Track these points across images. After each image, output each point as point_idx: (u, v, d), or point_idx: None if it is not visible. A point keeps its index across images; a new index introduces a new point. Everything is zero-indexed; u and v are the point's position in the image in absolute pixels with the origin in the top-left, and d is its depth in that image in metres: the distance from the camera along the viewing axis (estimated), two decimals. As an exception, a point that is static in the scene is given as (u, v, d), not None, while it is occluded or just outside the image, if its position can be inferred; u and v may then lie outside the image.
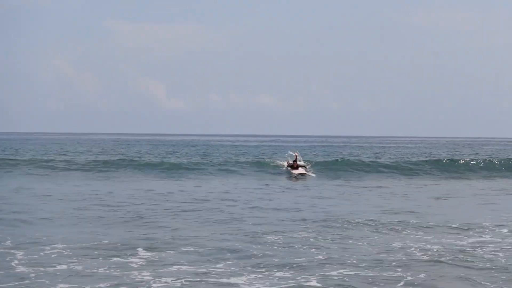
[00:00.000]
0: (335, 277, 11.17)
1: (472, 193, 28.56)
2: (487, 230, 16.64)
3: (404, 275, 11.35)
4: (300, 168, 39.30)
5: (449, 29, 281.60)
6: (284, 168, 40.57)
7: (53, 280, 10.87)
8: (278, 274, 11.43)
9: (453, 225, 17.31)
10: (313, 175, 38.42)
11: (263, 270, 11.76)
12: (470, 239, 15.09)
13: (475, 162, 47.06)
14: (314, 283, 10.78)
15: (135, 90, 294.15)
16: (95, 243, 14.05)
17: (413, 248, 13.86)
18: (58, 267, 11.81)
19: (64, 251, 13.10)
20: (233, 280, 11.02)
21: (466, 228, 16.92)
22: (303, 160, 41.88)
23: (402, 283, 10.88)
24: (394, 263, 12.32)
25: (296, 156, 40.35)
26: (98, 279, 10.97)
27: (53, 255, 12.76)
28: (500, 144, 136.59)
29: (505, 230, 16.56)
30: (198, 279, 10.97)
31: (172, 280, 10.85)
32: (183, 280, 10.85)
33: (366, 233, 16.02)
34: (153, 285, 10.62)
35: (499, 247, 14.09)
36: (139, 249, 13.33)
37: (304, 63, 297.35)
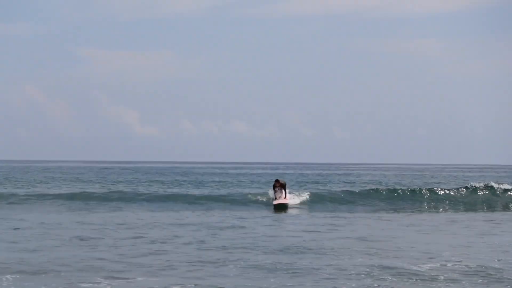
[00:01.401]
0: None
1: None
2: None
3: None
4: (280, 197, 34.00)
5: (423, 56, 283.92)
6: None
7: None
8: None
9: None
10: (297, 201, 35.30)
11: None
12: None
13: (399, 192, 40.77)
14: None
15: (108, 117, 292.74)
16: None
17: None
18: None
19: None
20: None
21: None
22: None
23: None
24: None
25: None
26: None
27: None
28: (462, 170, 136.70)
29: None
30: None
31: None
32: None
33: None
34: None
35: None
36: None
37: (276, 90, 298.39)
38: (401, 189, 41.64)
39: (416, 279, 13.44)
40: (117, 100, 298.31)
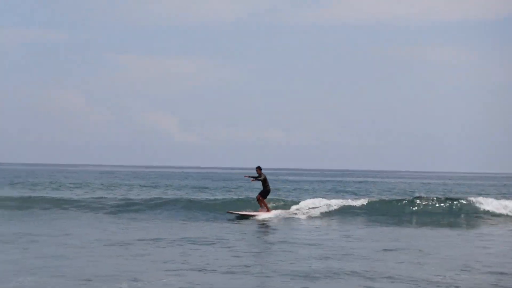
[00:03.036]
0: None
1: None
2: None
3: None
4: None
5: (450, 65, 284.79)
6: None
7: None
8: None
9: None
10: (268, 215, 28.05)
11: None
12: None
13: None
14: None
15: (146, 123, 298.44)
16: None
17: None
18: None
19: None
20: None
21: None
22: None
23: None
24: None
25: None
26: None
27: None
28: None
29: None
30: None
31: None
32: None
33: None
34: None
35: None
36: None
37: (312, 98, 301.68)
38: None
39: None
40: (156, 106, 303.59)
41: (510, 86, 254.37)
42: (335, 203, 31.71)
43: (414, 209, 31.97)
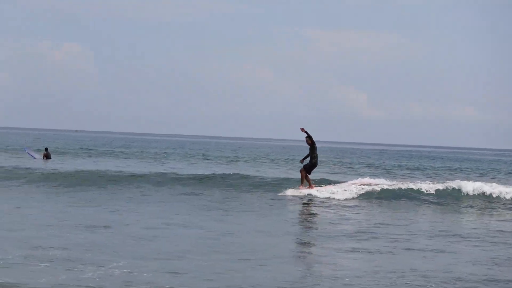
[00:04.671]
0: None
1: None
2: None
3: None
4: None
5: None
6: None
7: None
8: None
9: None
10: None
11: None
12: None
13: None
14: None
15: (335, 98, 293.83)
16: None
17: None
18: None
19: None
20: None
21: None
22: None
23: None
24: None
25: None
26: None
27: None
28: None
29: None
30: None
31: None
32: None
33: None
34: None
35: None
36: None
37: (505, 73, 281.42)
38: None
39: None
40: (346, 82, 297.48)
41: None
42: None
43: None
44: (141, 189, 23.32)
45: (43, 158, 45.23)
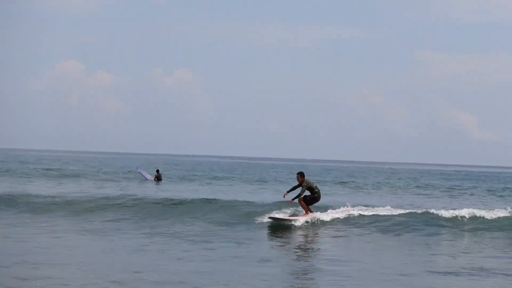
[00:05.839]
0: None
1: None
2: None
3: None
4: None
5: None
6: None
7: None
8: None
9: None
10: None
11: None
12: None
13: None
14: None
15: (443, 120, 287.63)
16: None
17: None
18: None
19: None
20: None
21: None
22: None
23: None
24: None
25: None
26: None
27: None
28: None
29: None
30: None
31: None
32: None
33: None
34: None
35: None
36: None
37: None
38: None
39: None
40: (454, 104, 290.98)
41: None
42: None
43: None
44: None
45: (155, 179, 45.65)
